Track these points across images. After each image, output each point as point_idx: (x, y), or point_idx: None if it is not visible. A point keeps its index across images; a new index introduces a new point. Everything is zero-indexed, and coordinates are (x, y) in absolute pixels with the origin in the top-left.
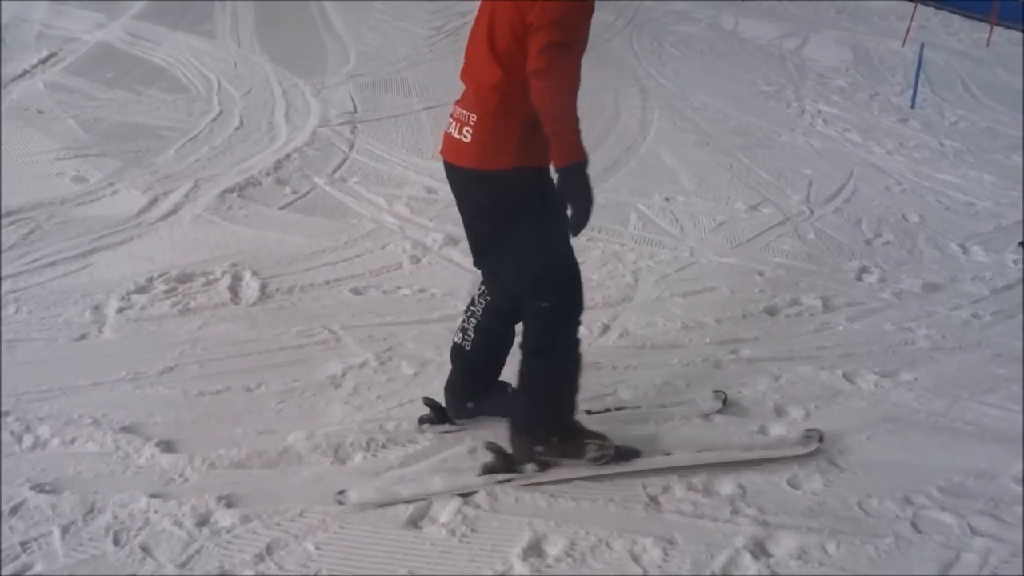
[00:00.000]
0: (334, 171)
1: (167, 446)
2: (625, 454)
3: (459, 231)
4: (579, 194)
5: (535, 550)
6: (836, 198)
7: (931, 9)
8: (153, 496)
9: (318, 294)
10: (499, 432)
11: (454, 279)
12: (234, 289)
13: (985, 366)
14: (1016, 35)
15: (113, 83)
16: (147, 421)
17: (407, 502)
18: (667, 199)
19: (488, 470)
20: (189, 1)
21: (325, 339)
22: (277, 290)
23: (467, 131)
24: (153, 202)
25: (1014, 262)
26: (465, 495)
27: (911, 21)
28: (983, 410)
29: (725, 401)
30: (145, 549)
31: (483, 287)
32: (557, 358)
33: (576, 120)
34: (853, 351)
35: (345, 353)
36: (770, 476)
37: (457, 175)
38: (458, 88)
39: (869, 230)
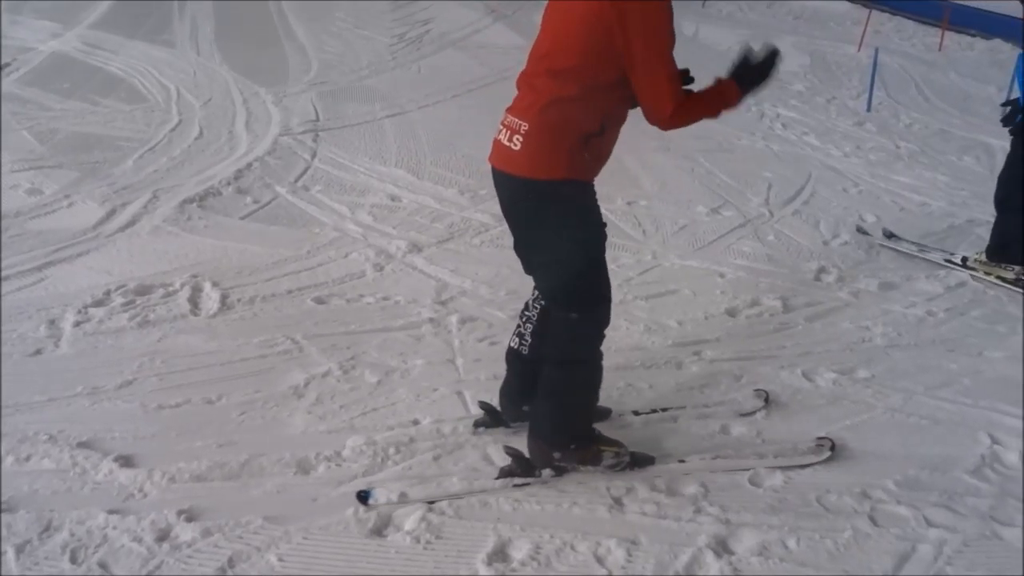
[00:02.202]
0: (296, 180)
1: (126, 461)
2: (640, 461)
3: (422, 238)
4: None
5: (500, 555)
6: (795, 200)
7: (885, 14)
8: (111, 512)
9: (280, 304)
10: None
11: (418, 286)
12: (194, 300)
13: (939, 362)
14: (967, 39)
15: (69, 93)
16: (105, 436)
17: (430, 502)
18: (629, 203)
19: (506, 473)
20: (148, 1)
21: (287, 349)
22: (238, 300)
23: (517, 139)
24: (111, 214)
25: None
26: (431, 502)
27: (866, 26)
28: (937, 404)
29: (767, 400)
30: (103, 566)
31: (536, 292)
32: (580, 369)
33: (709, 107)
34: (812, 350)
35: (307, 363)
36: (732, 475)
37: (505, 182)
38: (421, 94)
39: (827, 231)
